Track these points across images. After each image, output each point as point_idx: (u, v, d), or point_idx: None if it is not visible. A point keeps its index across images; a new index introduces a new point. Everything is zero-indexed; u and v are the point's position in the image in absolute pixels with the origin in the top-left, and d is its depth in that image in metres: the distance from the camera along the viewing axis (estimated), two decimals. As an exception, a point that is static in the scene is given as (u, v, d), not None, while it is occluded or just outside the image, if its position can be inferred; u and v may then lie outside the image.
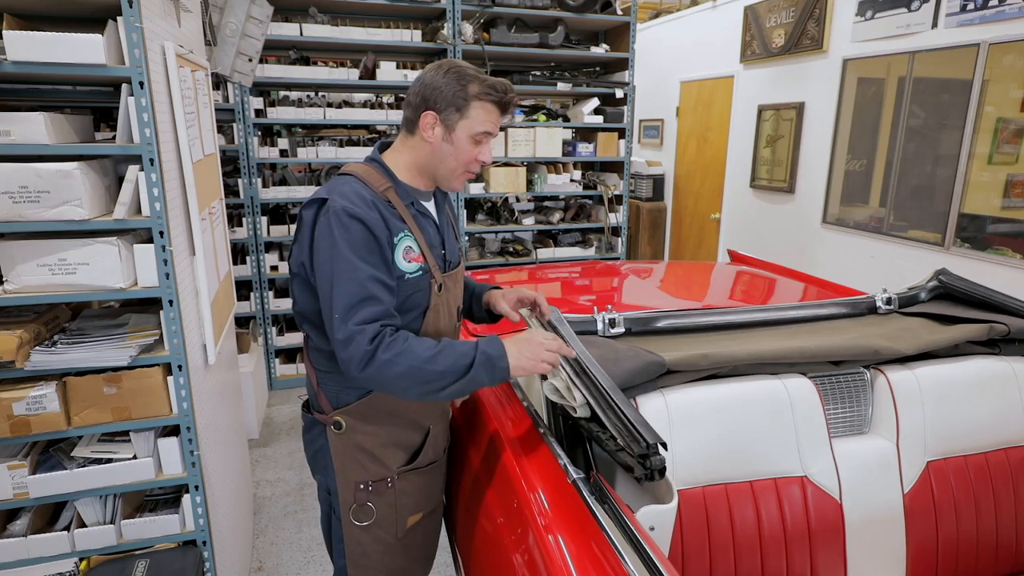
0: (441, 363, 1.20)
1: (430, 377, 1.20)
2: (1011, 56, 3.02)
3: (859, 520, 1.42)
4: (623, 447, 1.09)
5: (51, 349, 1.59)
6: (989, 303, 1.72)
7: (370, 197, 1.27)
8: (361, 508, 1.39)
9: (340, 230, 1.22)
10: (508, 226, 4.35)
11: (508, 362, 1.23)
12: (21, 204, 1.48)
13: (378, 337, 1.19)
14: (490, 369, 1.22)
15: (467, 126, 1.29)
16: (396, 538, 1.44)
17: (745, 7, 4.78)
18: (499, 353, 1.23)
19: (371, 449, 1.38)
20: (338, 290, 1.21)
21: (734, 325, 1.69)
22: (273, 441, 3.42)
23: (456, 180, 1.36)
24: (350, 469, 1.38)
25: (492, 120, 1.30)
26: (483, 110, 1.29)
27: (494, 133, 1.32)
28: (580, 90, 4.31)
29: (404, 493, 1.43)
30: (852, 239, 4.05)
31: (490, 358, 1.23)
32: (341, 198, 1.24)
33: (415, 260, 1.31)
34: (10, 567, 1.69)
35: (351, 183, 1.29)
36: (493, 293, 1.56)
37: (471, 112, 1.28)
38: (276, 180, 3.98)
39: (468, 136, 1.30)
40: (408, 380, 1.19)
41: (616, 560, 0.96)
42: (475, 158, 1.32)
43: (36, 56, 1.42)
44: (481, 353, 1.23)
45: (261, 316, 3.87)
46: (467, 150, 1.31)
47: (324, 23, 3.65)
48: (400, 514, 1.43)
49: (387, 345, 1.19)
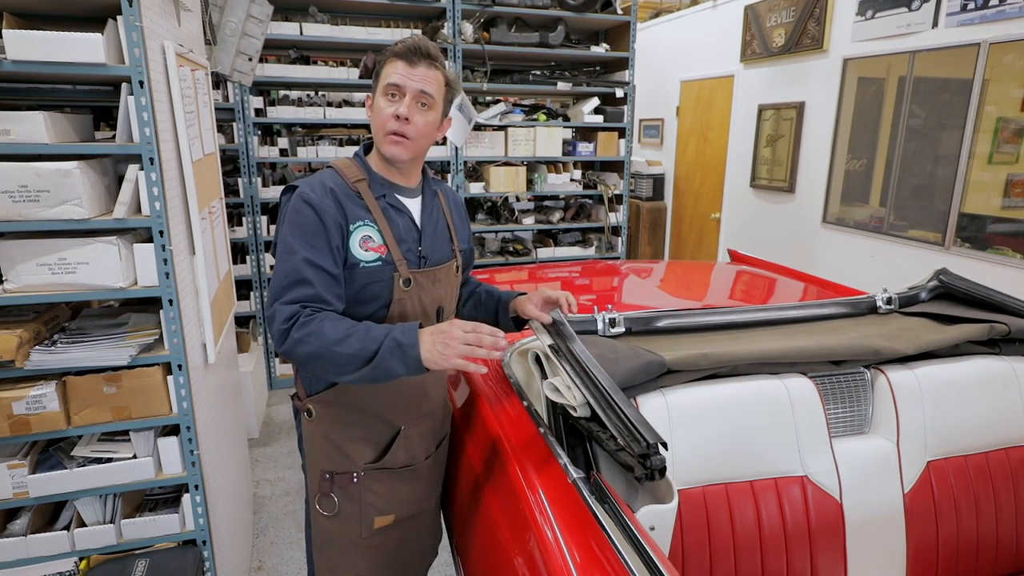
0: (349, 347, 1.17)
1: (338, 359, 1.18)
2: (1011, 56, 3.02)
3: (859, 520, 1.42)
4: (623, 447, 1.09)
5: (51, 348, 1.59)
6: (989, 303, 1.72)
7: (332, 186, 1.32)
8: (325, 497, 1.41)
9: (292, 214, 1.28)
10: (508, 225, 4.35)
11: (419, 352, 1.17)
12: (21, 203, 1.48)
13: (294, 317, 1.21)
14: (401, 357, 1.17)
15: (380, 88, 1.34)
16: (361, 536, 1.43)
17: (745, 6, 4.78)
18: (411, 342, 1.18)
19: (336, 440, 1.40)
20: (276, 271, 1.28)
21: (734, 325, 1.69)
22: (273, 440, 3.42)
23: (383, 144, 1.34)
24: (316, 457, 1.41)
25: (396, 72, 1.31)
26: (388, 67, 1.33)
27: (401, 85, 1.31)
28: (580, 89, 4.31)
29: (371, 491, 1.42)
30: (852, 239, 4.04)
31: (400, 346, 1.17)
32: (306, 186, 1.31)
33: (373, 250, 1.32)
34: (10, 566, 1.69)
35: (326, 173, 1.36)
36: (519, 300, 1.53)
37: (382, 74, 1.34)
38: (276, 179, 3.98)
39: (381, 96, 1.34)
40: (318, 361, 1.20)
41: (616, 560, 0.96)
42: (390, 115, 1.31)
43: (36, 55, 1.42)
44: (391, 339, 1.18)
45: (261, 315, 3.87)
46: (381, 109, 1.33)
47: (324, 22, 3.65)
48: (365, 512, 1.42)
49: (300, 324, 1.20)
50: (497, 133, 4.13)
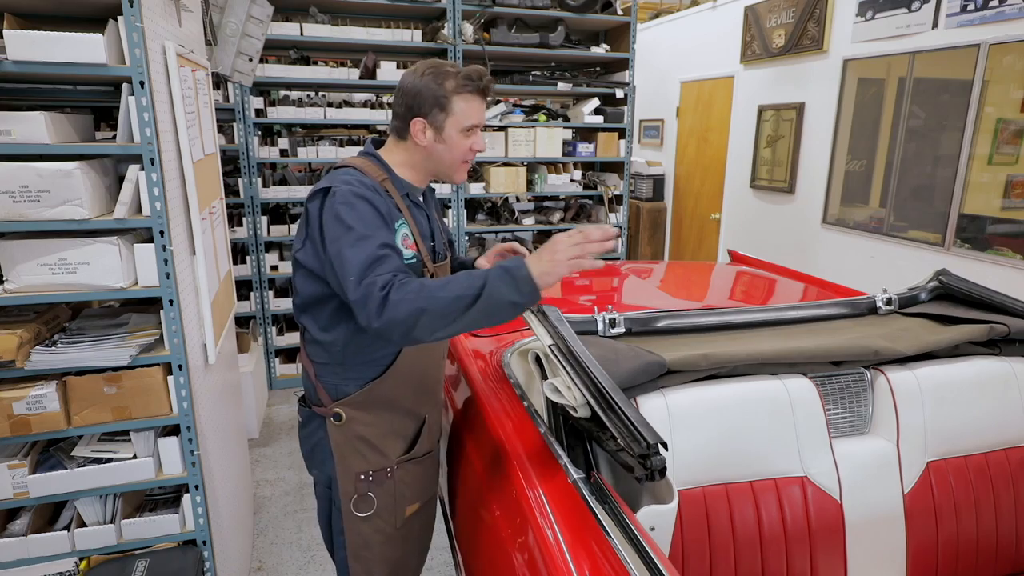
0: (453, 290, 1.15)
1: (445, 304, 1.14)
2: (1011, 57, 3.02)
3: (859, 520, 1.42)
4: (623, 447, 1.09)
5: (51, 348, 1.59)
6: (989, 303, 1.72)
7: (371, 183, 1.31)
8: (362, 499, 1.41)
9: (347, 208, 1.24)
10: (508, 226, 4.35)
11: (528, 270, 1.14)
12: (21, 203, 1.48)
13: (388, 284, 1.16)
14: (509, 280, 1.14)
15: (455, 122, 1.33)
16: (395, 528, 1.46)
17: (745, 7, 4.78)
18: (517, 264, 1.16)
19: (371, 439, 1.40)
20: (350, 256, 1.20)
21: (734, 325, 1.69)
22: (273, 441, 3.42)
23: (457, 173, 1.41)
24: (351, 460, 1.40)
25: (475, 109, 1.34)
26: (465, 102, 1.32)
27: (481, 122, 1.36)
28: (580, 90, 4.31)
29: (403, 483, 1.45)
30: (852, 239, 4.05)
31: (507, 270, 1.15)
32: (344, 184, 1.28)
33: (410, 247, 1.35)
34: (10, 567, 1.69)
35: (351, 173, 1.33)
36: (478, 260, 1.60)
37: (454, 107, 1.32)
38: (276, 180, 3.98)
39: (458, 131, 1.34)
40: (424, 315, 1.14)
41: (616, 560, 0.96)
42: (469, 148, 1.38)
43: (37, 55, 1.42)
44: (495, 269, 1.16)
45: (261, 316, 3.87)
46: (460, 144, 1.36)
47: (324, 23, 3.65)
48: (399, 504, 1.46)
49: (398, 287, 1.16)
50: (497, 133, 4.13)
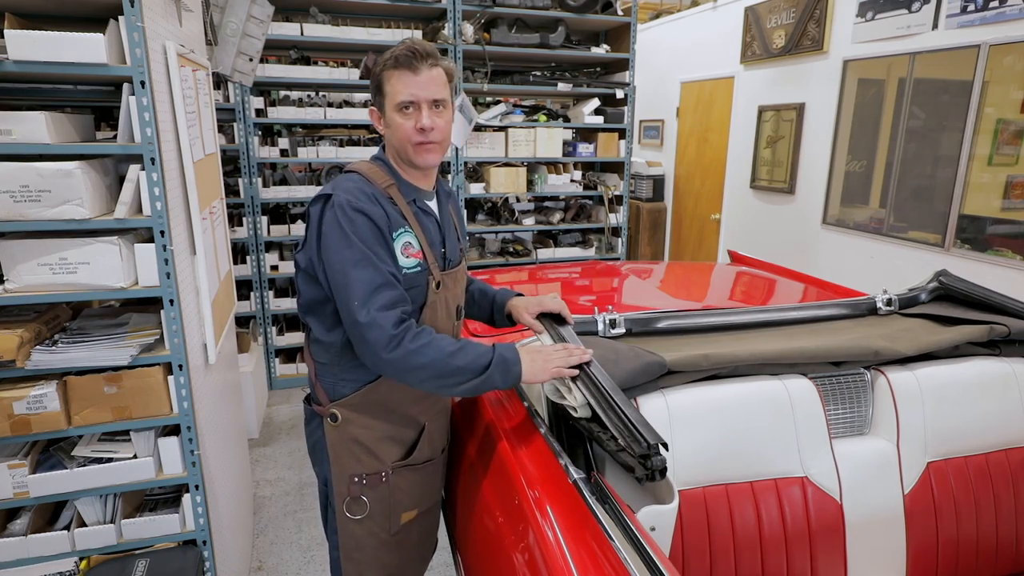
0: (462, 359, 1.25)
1: (450, 371, 1.24)
2: (1011, 57, 3.02)
3: (859, 520, 1.42)
4: (624, 447, 1.09)
5: (51, 348, 1.59)
6: (989, 304, 1.72)
7: (371, 192, 1.30)
8: (355, 501, 1.41)
9: (346, 222, 1.25)
10: (508, 226, 4.35)
11: (522, 368, 1.28)
12: (22, 203, 1.48)
13: (405, 324, 1.23)
14: (504, 373, 1.27)
15: (389, 103, 1.32)
16: (389, 534, 1.45)
17: (746, 8, 4.78)
18: (515, 359, 1.29)
19: (366, 442, 1.39)
20: (355, 277, 1.23)
21: (734, 326, 1.69)
22: (273, 441, 3.42)
23: (417, 156, 1.34)
24: (345, 461, 1.40)
25: (403, 83, 1.28)
26: (392, 80, 1.30)
27: (415, 98, 1.29)
28: (580, 90, 4.31)
29: (399, 489, 1.44)
30: (852, 240, 4.05)
31: (506, 361, 1.28)
32: (344, 193, 1.28)
33: (413, 256, 1.34)
34: (10, 566, 1.69)
35: (354, 180, 1.33)
36: (515, 303, 1.58)
37: (386, 88, 1.31)
38: (276, 180, 3.98)
39: (393, 111, 1.31)
40: (428, 371, 1.23)
41: (617, 560, 0.96)
42: (413, 128, 1.30)
43: (37, 55, 1.42)
44: (499, 355, 1.28)
45: (261, 316, 3.87)
46: (400, 124, 1.31)
47: (325, 23, 3.65)
48: (394, 510, 1.44)
49: (415, 335, 1.23)
50: (497, 134, 4.13)
